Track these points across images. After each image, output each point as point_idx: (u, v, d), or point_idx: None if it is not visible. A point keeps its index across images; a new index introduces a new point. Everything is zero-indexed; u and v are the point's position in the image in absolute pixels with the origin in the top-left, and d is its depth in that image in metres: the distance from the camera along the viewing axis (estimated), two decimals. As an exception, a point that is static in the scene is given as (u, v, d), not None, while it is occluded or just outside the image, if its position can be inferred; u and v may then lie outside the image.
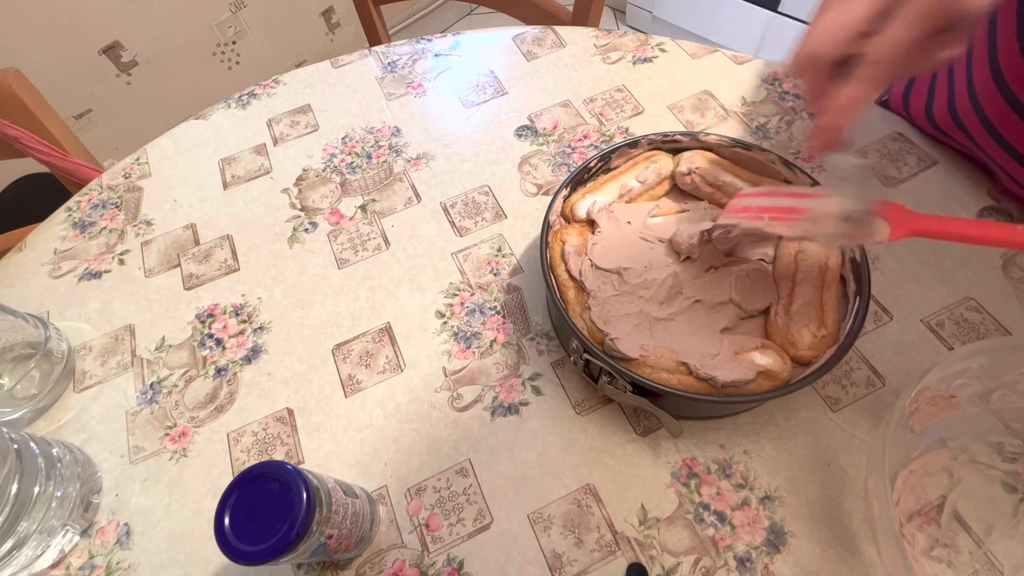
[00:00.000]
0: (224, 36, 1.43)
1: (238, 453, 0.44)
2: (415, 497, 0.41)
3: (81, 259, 0.55)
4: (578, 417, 0.44)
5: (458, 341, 0.48)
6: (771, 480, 0.40)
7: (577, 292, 0.41)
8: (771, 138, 0.57)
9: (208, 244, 0.55)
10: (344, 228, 0.55)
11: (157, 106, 1.41)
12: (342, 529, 0.33)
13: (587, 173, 0.47)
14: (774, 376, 0.37)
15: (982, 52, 0.45)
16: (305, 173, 0.59)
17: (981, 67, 0.46)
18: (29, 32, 1.15)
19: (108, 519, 0.42)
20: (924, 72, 0.37)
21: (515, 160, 0.58)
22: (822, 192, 0.36)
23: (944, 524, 0.37)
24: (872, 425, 0.42)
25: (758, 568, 0.37)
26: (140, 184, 0.60)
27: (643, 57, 0.65)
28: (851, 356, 0.45)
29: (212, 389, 0.47)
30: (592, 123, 0.60)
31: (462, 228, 0.54)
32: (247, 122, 0.64)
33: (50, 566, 0.40)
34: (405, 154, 0.60)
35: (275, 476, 0.30)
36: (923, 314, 0.46)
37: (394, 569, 0.39)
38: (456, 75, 0.66)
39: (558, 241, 0.43)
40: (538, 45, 0.67)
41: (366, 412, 0.45)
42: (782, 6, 1.52)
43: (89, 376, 0.48)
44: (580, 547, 0.39)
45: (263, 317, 0.50)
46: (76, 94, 1.29)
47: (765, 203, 0.39)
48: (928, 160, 0.54)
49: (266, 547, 0.28)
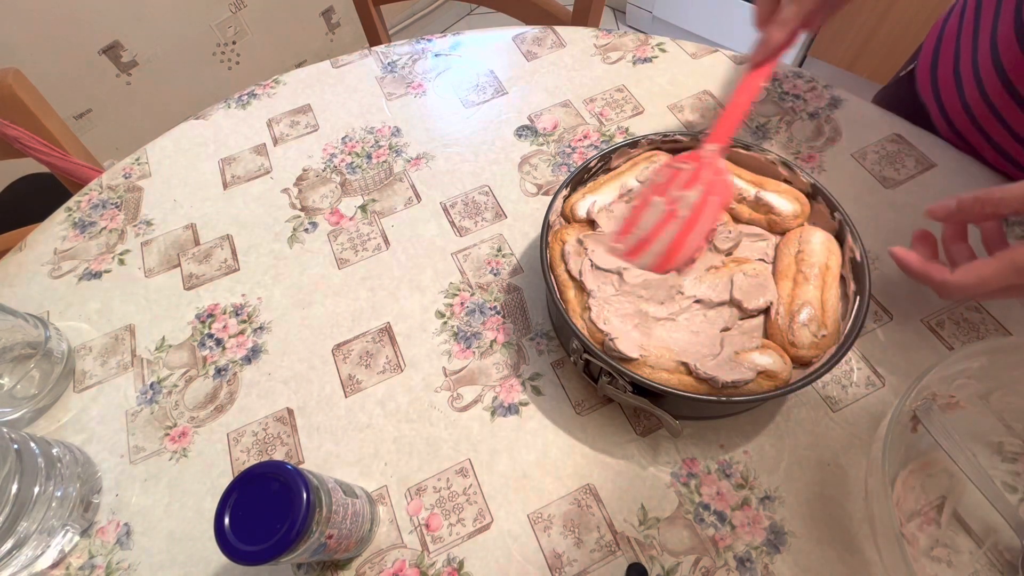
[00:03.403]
0: (224, 36, 1.43)
1: (238, 453, 0.44)
2: (415, 497, 0.41)
3: (81, 259, 0.55)
4: (578, 417, 0.44)
5: (458, 341, 0.48)
6: (771, 480, 0.40)
7: (577, 292, 0.41)
8: (771, 138, 0.57)
9: (208, 244, 0.55)
10: (344, 228, 0.55)
11: (157, 106, 1.41)
12: (342, 529, 0.33)
13: (587, 173, 0.47)
14: (774, 376, 0.37)
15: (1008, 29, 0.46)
16: (305, 173, 0.59)
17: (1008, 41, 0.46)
18: (29, 32, 1.15)
19: (108, 519, 0.42)
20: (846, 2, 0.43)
21: (515, 160, 0.58)
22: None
23: (944, 524, 0.37)
24: (872, 425, 0.42)
25: (758, 568, 0.37)
26: (140, 184, 0.60)
27: (643, 57, 0.65)
28: (851, 356, 0.45)
29: (212, 389, 0.47)
30: (592, 123, 0.60)
31: (462, 228, 0.54)
32: (247, 122, 0.64)
33: (50, 566, 0.40)
34: (405, 154, 0.60)
35: (275, 476, 0.30)
36: (923, 314, 0.46)
37: (394, 569, 0.39)
38: (456, 75, 0.66)
39: (558, 241, 0.43)
40: (538, 45, 0.67)
41: (366, 412, 0.45)
42: (782, 6, 1.52)
43: (89, 376, 0.48)
44: (580, 547, 0.39)
45: (263, 317, 0.50)
46: (76, 94, 1.29)
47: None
48: (926, 162, 0.54)
49: (266, 547, 0.28)
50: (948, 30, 0.55)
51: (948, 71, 0.54)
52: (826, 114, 0.58)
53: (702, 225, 0.41)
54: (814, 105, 0.59)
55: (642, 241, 0.41)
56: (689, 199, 0.42)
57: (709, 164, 0.42)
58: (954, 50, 0.53)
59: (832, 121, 0.58)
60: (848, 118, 0.58)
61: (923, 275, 0.39)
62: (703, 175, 0.42)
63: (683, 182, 0.42)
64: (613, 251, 0.42)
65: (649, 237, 0.41)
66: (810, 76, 0.61)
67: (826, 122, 0.58)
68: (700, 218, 0.41)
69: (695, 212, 0.41)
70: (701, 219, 0.41)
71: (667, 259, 0.41)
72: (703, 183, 0.42)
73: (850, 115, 0.58)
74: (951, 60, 0.54)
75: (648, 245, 0.41)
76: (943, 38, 0.56)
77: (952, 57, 0.53)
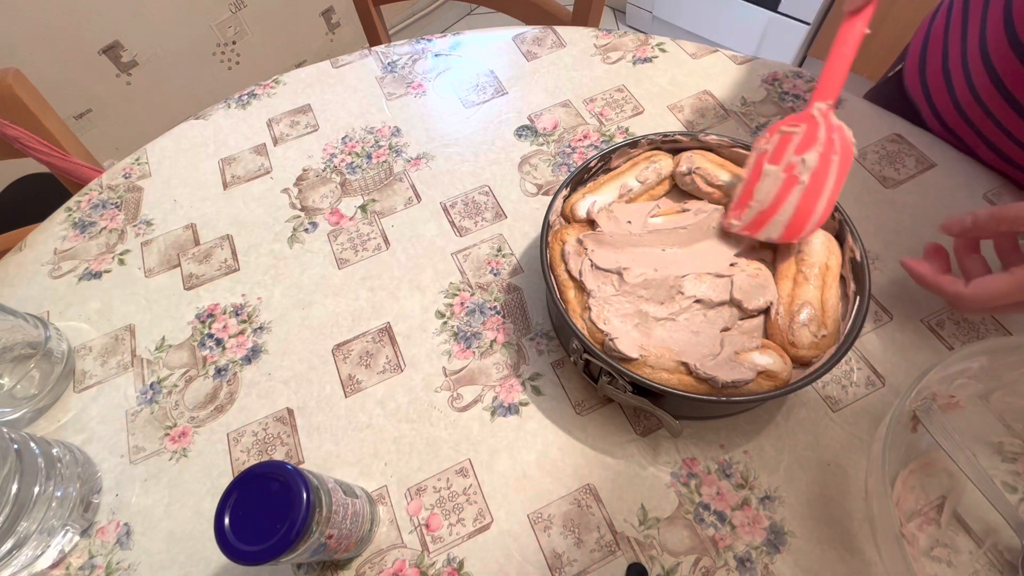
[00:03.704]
0: (224, 36, 1.43)
1: (238, 453, 0.44)
2: (415, 497, 0.41)
3: (81, 259, 0.55)
4: (578, 417, 0.44)
5: (458, 341, 0.48)
6: (771, 480, 0.40)
7: (577, 292, 0.41)
8: (771, 138, 0.57)
9: (208, 244, 0.55)
10: (344, 228, 0.55)
11: (157, 106, 1.41)
12: (342, 529, 0.33)
13: (587, 173, 0.47)
14: (774, 376, 0.37)
15: (998, 22, 0.45)
16: (305, 173, 0.59)
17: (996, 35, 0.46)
18: (29, 32, 1.15)
19: (108, 519, 0.42)
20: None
21: (515, 160, 0.58)
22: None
23: (944, 524, 0.37)
24: (872, 425, 0.42)
25: (758, 568, 0.37)
26: (140, 184, 0.60)
27: (643, 57, 0.65)
28: (851, 356, 0.45)
29: (212, 389, 0.47)
30: (592, 123, 0.60)
31: (462, 228, 0.54)
32: (247, 122, 0.64)
33: (50, 566, 0.40)
34: (405, 154, 0.60)
35: (275, 476, 0.30)
36: (923, 314, 0.46)
37: (394, 569, 0.39)
38: (456, 75, 0.66)
39: (558, 241, 0.43)
40: (538, 45, 0.67)
41: (366, 412, 0.45)
42: (782, 6, 1.52)
43: (89, 376, 0.48)
44: (580, 547, 0.39)
45: (263, 317, 0.50)
46: (76, 94, 1.29)
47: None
48: (926, 162, 0.54)
49: (266, 547, 0.28)
50: (935, 30, 0.55)
51: (937, 70, 0.54)
52: (826, 114, 0.58)
53: (829, 186, 0.38)
54: (814, 105, 0.59)
55: (763, 213, 0.39)
56: (808, 162, 0.39)
57: (823, 122, 0.40)
58: (942, 49, 0.53)
59: (832, 121, 0.57)
60: (848, 118, 0.58)
61: (936, 287, 0.39)
62: (819, 134, 0.39)
63: (798, 145, 0.40)
64: (730, 227, 0.40)
65: (771, 208, 0.39)
66: (810, 76, 0.61)
67: (826, 122, 0.57)
68: (826, 180, 0.38)
69: (818, 174, 0.38)
70: (827, 180, 0.38)
71: (797, 228, 0.39)
72: (820, 143, 0.39)
73: (850, 115, 0.58)
74: (939, 59, 0.53)
75: (771, 216, 0.39)
76: (930, 37, 0.56)
77: (940, 56, 0.53)
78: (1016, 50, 0.44)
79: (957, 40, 0.51)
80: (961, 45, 0.50)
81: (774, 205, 0.40)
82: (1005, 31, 0.45)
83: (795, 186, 0.39)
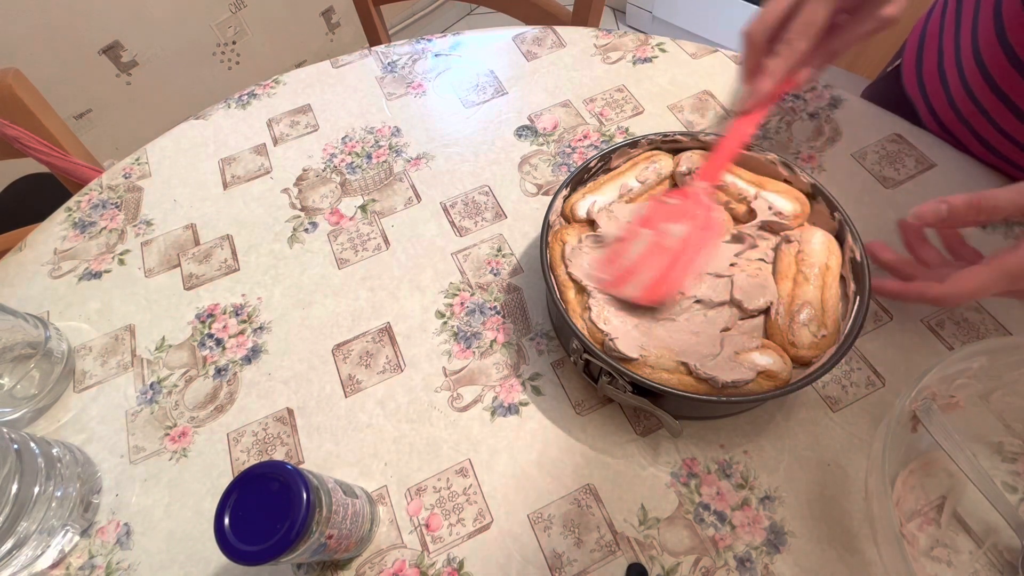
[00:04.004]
0: (224, 36, 1.43)
1: (238, 453, 0.44)
2: (415, 497, 0.41)
3: (81, 259, 0.55)
4: (578, 417, 0.44)
5: (458, 341, 0.48)
6: (771, 480, 0.40)
7: (577, 292, 0.41)
8: (771, 138, 0.57)
9: (208, 244, 0.55)
10: (344, 228, 0.55)
11: (157, 106, 1.41)
12: (342, 529, 0.33)
13: (587, 173, 0.47)
14: (774, 376, 0.37)
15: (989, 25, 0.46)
16: (305, 173, 0.59)
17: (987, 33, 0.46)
18: (29, 32, 1.15)
19: (108, 519, 0.42)
20: (844, 49, 0.42)
21: (515, 160, 0.58)
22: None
23: (944, 524, 0.37)
24: (872, 425, 0.42)
25: (758, 568, 0.37)
26: (140, 184, 0.60)
27: (643, 57, 0.65)
28: (851, 356, 0.45)
29: (212, 389, 0.47)
30: (592, 123, 0.60)
31: (462, 228, 0.54)
32: (247, 122, 0.64)
33: (50, 566, 0.40)
34: (405, 154, 0.60)
35: (275, 476, 0.30)
36: (923, 314, 0.46)
37: (394, 569, 0.39)
38: (456, 75, 0.66)
39: (558, 241, 0.43)
40: (538, 45, 0.67)
41: (366, 412, 0.45)
42: (782, 6, 1.52)
43: (89, 376, 0.48)
44: (580, 547, 0.39)
45: (263, 317, 0.50)
46: (76, 94, 1.29)
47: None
48: (926, 162, 0.54)
49: (266, 547, 0.28)
50: (931, 27, 0.55)
51: (933, 67, 0.54)
52: (826, 114, 0.58)
53: (689, 259, 0.41)
54: (814, 105, 0.59)
55: (627, 271, 0.41)
56: (675, 233, 0.42)
57: (698, 200, 0.43)
58: (937, 47, 0.53)
59: (832, 121, 0.58)
60: (848, 118, 0.58)
61: (917, 296, 0.39)
62: (692, 211, 0.42)
63: (671, 216, 0.42)
64: (598, 281, 0.41)
65: (634, 267, 0.41)
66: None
67: (826, 122, 0.58)
68: (687, 252, 0.41)
69: (683, 246, 0.41)
70: (688, 253, 0.41)
71: (652, 291, 0.40)
72: (691, 219, 0.42)
73: (850, 115, 0.58)
74: (935, 57, 0.54)
75: (633, 275, 0.41)
76: (926, 35, 0.56)
77: (936, 54, 0.53)
78: (1005, 50, 0.44)
79: (951, 38, 0.51)
80: (955, 42, 0.50)
81: (637, 265, 0.41)
82: (995, 30, 0.45)
83: (660, 252, 0.41)
